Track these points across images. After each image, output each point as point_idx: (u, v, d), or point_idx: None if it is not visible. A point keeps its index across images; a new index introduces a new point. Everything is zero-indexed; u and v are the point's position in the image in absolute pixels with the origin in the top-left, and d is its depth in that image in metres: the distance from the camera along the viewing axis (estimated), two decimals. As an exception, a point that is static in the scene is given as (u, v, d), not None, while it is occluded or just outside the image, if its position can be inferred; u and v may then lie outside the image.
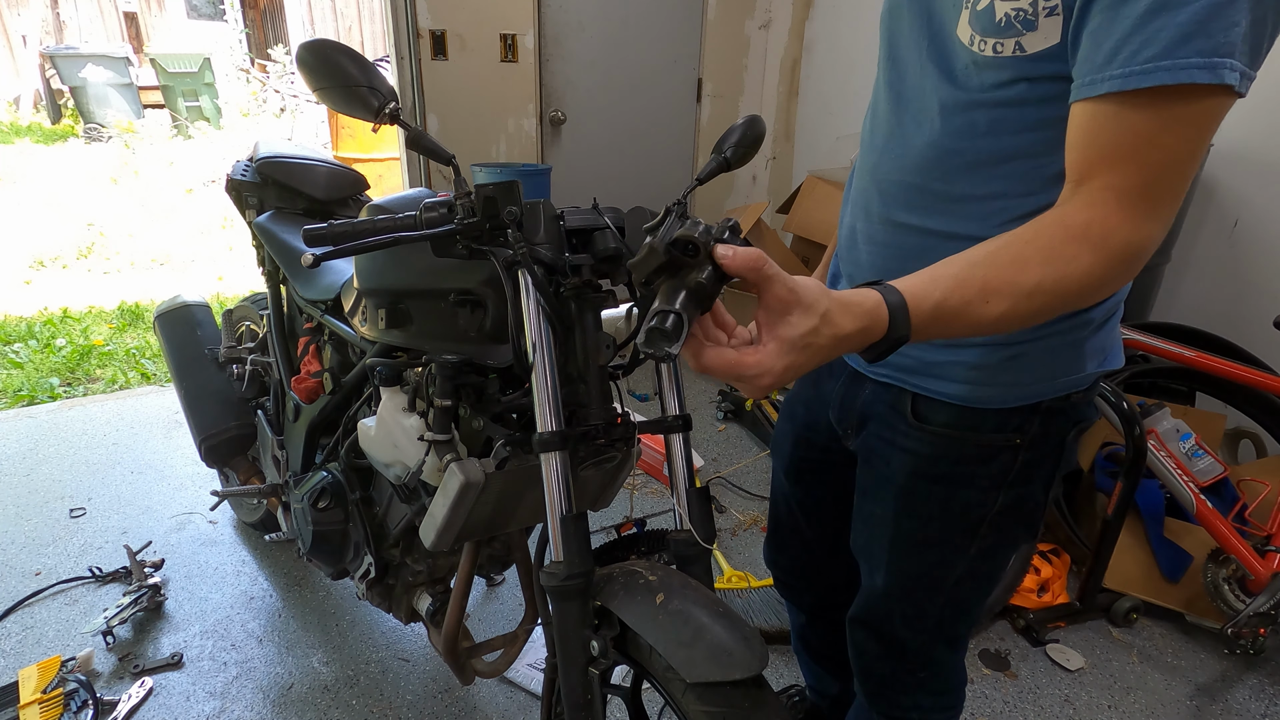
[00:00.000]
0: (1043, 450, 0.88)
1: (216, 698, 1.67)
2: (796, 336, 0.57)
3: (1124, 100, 0.60)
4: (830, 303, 0.58)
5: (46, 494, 2.40)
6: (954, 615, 1.03)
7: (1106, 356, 0.86)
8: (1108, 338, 0.86)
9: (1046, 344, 0.81)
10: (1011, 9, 0.66)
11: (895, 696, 1.11)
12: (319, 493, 1.42)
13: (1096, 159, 0.63)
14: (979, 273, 0.63)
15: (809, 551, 1.25)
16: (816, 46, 4.14)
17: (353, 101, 0.96)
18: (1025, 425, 0.86)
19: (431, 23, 3.24)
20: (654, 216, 1.05)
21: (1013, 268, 0.63)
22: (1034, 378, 0.83)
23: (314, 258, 0.87)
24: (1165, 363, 2.19)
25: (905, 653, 1.06)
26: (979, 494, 0.90)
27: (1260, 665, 1.89)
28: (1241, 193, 2.50)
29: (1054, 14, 0.64)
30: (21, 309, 4.02)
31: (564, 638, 0.95)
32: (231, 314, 2.10)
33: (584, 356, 1.00)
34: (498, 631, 1.88)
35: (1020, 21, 0.66)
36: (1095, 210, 0.62)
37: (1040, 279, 0.62)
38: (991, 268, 0.63)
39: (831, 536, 1.18)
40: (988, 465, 0.88)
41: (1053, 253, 0.62)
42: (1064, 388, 0.84)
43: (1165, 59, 0.57)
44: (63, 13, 10.05)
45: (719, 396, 3.16)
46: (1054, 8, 0.64)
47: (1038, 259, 0.63)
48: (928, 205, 0.82)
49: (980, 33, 0.70)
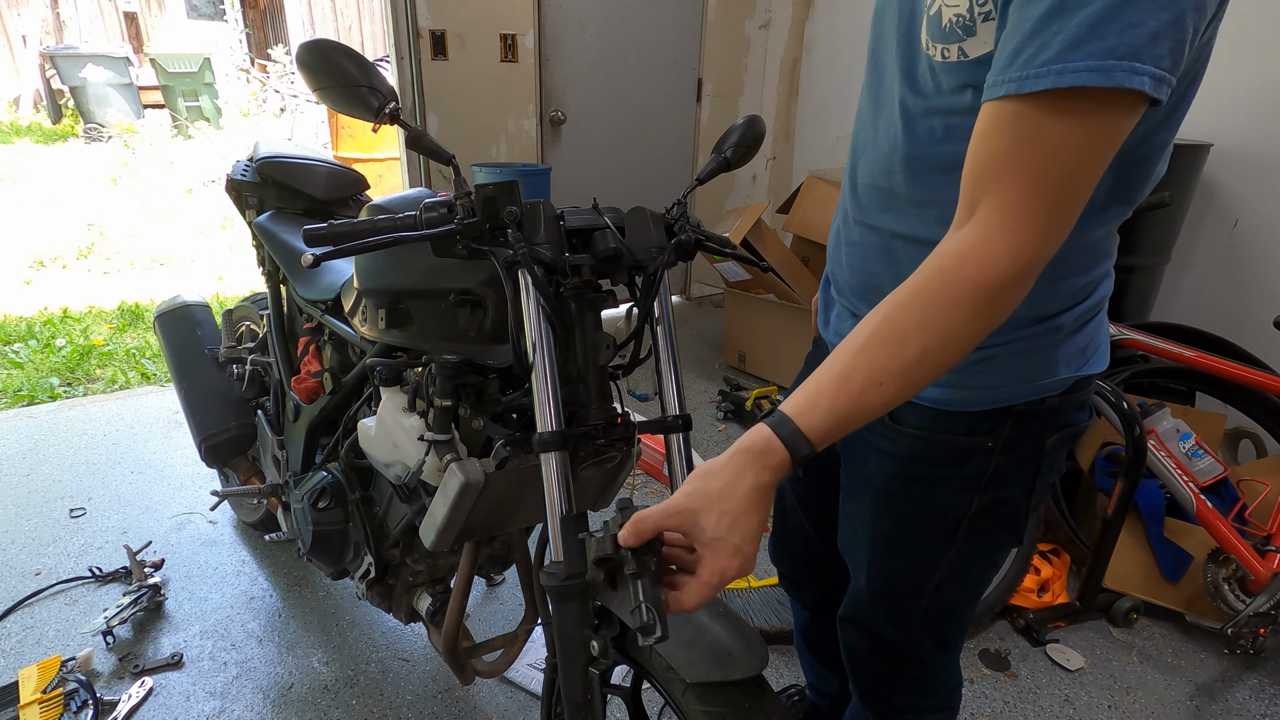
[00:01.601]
0: (1018, 454, 0.87)
1: (216, 698, 1.67)
2: (713, 533, 0.64)
3: (1019, 104, 0.58)
4: (715, 484, 0.64)
5: (46, 494, 2.40)
6: (940, 617, 1.02)
7: (1086, 360, 0.85)
8: (1086, 340, 0.84)
9: (1016, 348, 0.81)
10: (953, 15, 0.66)
11: (889, 696, 1.11)
12: (319, 493, 1.42)
13: (987, 169, 0.61)
14: (862, 360, 0.64)
15: (811, 548, 1.26)
16: (816, 46, 4.14)
17: (353, 101, 0.96)
18: (998, 428, 0.85)
19: (431, 23, 3.24)
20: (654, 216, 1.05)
21: (893, 343, 0.63)
22: (1004, 380, 0.82)
23: (314, 258, 0.87)
24: (1165, 363, 2.19)
25: (894, 652, 1.06)
26: (954, 495, 0.89)
27: (1260, 665, 1.89)
28: (1241, 193, 2.50)
29: (989, 19, 0.63)
30: (21, 309, 4.02)
31: (564, 638, 0.95)
32: (231, 314, 2.10)
33: (584, 356, 1.00)
34: (498, 631, 1.88)
35: (961, 27, 0.65)
36: (977, 237, 0.61)
37: (923, 346, 0.62)
38: (873, 349, 0.64)
39: (833, 533, 1.19)
40: (961, 468, 0.88)
41: (930, 311, 0.62)
42: (1037, 391, 0.83)
43: (1057, 62, 0.55)
44: (63, 13, 10.05)
45: (719, 396, 3.16)
46: (988, 13, 0.63)
47: (916, 324, 0.62)
48: (894, 208, 0.82)
49: (932, 38, 0.69)
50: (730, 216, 3.47)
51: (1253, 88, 2.40)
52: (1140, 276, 2.48)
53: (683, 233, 1.04)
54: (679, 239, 1.03)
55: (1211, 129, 2.51)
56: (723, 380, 3.28)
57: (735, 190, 4.52)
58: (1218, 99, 2.48)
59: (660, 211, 1.07)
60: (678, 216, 1.06)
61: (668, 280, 1.05)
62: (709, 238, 1.08)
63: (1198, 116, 2.53)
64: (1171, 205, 2.25)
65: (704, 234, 1.07)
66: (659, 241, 1.03)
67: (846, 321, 0.96)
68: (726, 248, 1.11)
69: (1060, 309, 0.79)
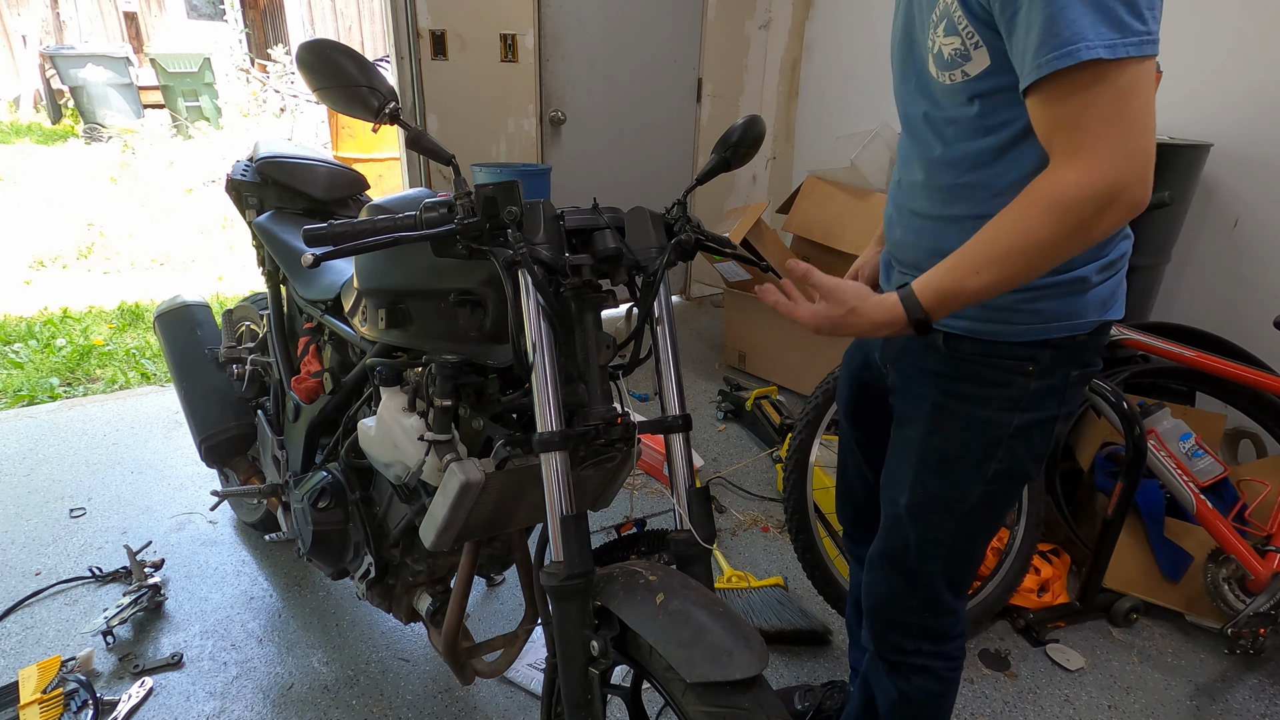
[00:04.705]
0: (1050, 381, 1.03)
1: (216, 698, 1.67)
2: (837, 309, 0.94)
3: (1045, 85, 0.81)
4: (858, 302, 0.93)
5: (46, 494, 2.40)
6: (962, 549, 1.14)
7: (1108, 308, 1.02)
8: (1109, 292, 1.01)
9: (1054, 292, 0.99)
10: (950, 50, 0.91)
11: (899, 640, 1.20)
12: (319, 493, 1.42)
13: (1047, 131, 0.84)
14: (968, 252, 0.88)
15: (870, 494, 1.38)
16: (816, 46, 4.14)
17: (353, 101, 0.96)
18: (1037, 356, 1.01)
19: (431, 23, 3.24)
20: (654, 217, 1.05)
21: (990, 242, 0.86)
22: (1044, 318, 0.99)
23: (314, 258, 0.87)
24: (1165, 363, 2.19)
25: (913, 586, 1.16)
26: (996, 413, 1.04)
27: (1260, 665, 1.89)
28: (1241, 192, 2.50)
29: (980, 46, 0.89)
30: (21, 309, 4.02)
31: (564, 638, 0.95)
32: (231, 314, 2.10)
33: (584, 356, 1.00)
34: (498, 631, 1.88)
35: (959, 56, 0.91)
36: (1050, 175, 0.83)
37: (1009, 245, 0.85)
38: (977, 246, 0.87)
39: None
40: (1004, 389, 1.03)
41: (1018, 221, 0.84)
42: (1069, 329, 1.00)
43: (1035, 59, 0.80)
44: (63, 13, 10.05)
45: (719, 396, 3.16)
46: (977, 43, 0.88)
47: (1006, 229, 0.85)
48: (929, 197, 1.04)
49: (939, 69, 0.95)
50: (730, 216, 3.47)
51: (1253, 88, 2.40)
52: (1140, 276, 2.48)
53: (683, 233, 1.04)
54: (679, 239, 1.03)
55: (1211, 129, 2.51)
56: (723, 380, 3.28)
57: (735, 190, 4.52)
58: (1218, 99, 2.48)
59: (660, 211, 1.07)
60: (678, 217, 1.06)
61: (668, 280, 1.05)
62: (709, 238, 1.08)
63: (1198, 116, 2.53)
64: (1172, 205, 2.26)
65: (704, 234, 1.07)
66: (659, 241, 1.03)
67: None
68: (726, 248, 1.12)
69: (1085, 262, 0.98)
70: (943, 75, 0.94)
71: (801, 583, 2.10)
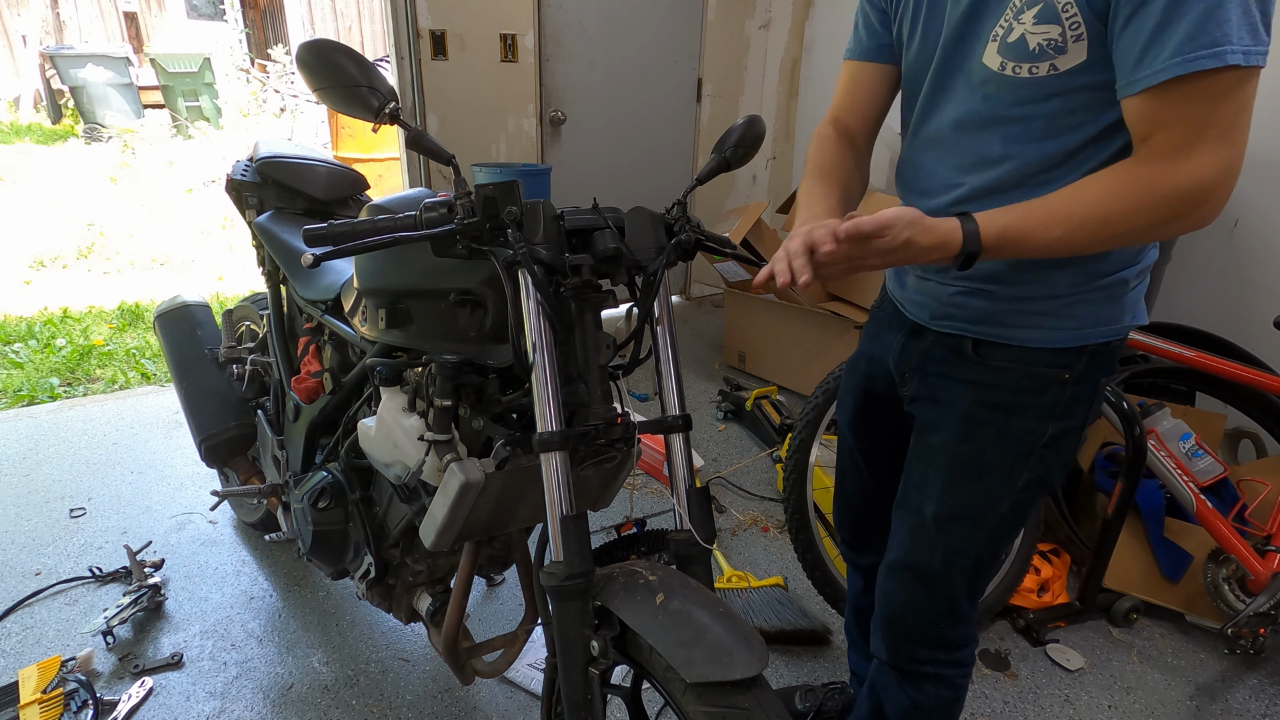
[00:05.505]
0: (1083, 388, 1.02)
1: (216, 698, 1.67)
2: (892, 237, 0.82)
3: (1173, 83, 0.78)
4: (910, 231, 0.82)
5: (46, 494, 2.40)
6: (987, 558, 1.11)
7: (1136, 313, 1.02)
8: (1137, 296, 1.01)
9: (1094, 295, 0.97)
10: (1041, 40, 0.85)
11: (914, 650, 1.17)
12: (319, 493, 1.42)
13: (1150, 128, 0.81)
14: (1045, 205, 0.84)
15: (870, 505, 1.35)
16: (816, 46, 4.14)
17: (353, 101, 0.96)
18: (1073, 363, 1.00)
19: (431, 23, 3.24)
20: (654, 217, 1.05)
21: (1070, 205, 0.83)
22: (1084, 323, 0.98)
23: (314, 258, 0.87)
24: (1165, 363, 2.19)
25: (934, 596, 1.12)
26: (1031, 423, 1.02)
27: (1260, 665, 1.89)
28: (1241, 193, 2.50)
29: (1081, 39, 0.83)
30: (21, 309, 4.02)
31: (564, 638, 0.95)
32: (231, 314, 2.10)
33: (584, 356, 1.00)
34: (498, 631, 1.88)
35: (1053, 48, 0.85)
36: (1152, 163, 0.81)
37: (1091, 213, 0.81)
38: (1053, 202, 0.83)
39: (892, 492, 1.24)
40: (1039, 396, 1.01)
41: (1108, 194, 0.81)
42: (1105, 335, 0.99)
43: (1174, 57, 0.76)
44: (63, 13, 10.05)
45: (719, 396, 3.16)
46: (1080, 35, 0.83)
47: (1092, 199, 0.82)
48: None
49: (1016, 60, 0.88)
50: (730, 216, 3.47)
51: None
52: (1140, 276, 2.48)
53: (683, 233, 1.04)
54: (679, 239, 1.03)
55: (1211, 129, 2.50)
56: (723, 380, 3.28)
57: (735, 190, 4.52)
58: (1218, 99, 2.48)
59: (660, 211, 1.07)
60: (678, 216, 1.06)
61: (668, 280, 1.05)
62: (709, 238, 1.08)
63: (1198, 116, 2.52)
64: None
65: (704, 234, 1.07)
66: (659, 241, 1.03)
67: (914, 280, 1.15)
68: (726, 248, 1.11)
69: (1122, 265, 0.97)
70: (1018, 68, 0.87)
71: (801, 583, 2.10)
